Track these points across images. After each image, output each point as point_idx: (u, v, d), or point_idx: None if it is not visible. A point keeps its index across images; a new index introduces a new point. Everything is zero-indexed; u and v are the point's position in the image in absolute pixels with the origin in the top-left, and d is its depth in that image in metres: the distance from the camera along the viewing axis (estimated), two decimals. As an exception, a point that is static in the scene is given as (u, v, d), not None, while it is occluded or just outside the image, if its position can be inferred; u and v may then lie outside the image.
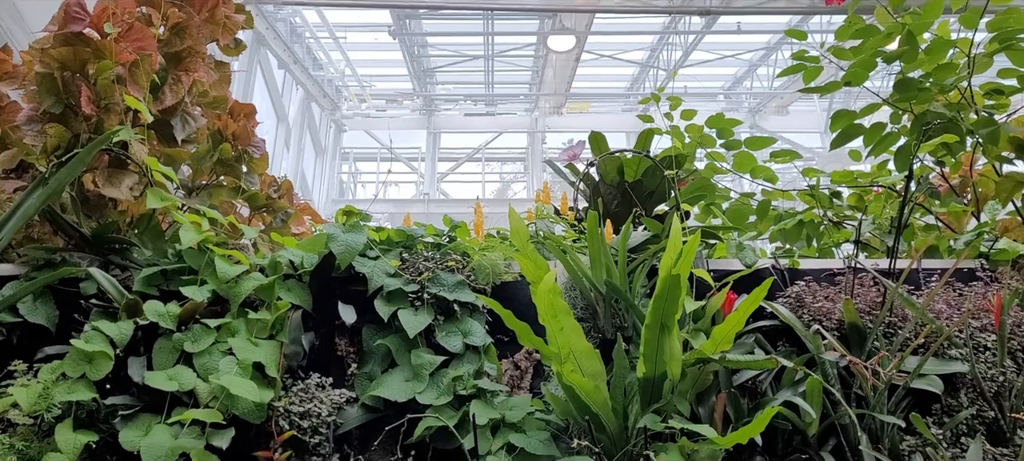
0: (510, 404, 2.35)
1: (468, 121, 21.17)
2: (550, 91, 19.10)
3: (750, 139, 4.12)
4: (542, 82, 18.92)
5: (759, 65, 18.19)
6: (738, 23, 15.03)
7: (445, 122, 21.05)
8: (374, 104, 20.64)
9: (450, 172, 22.19)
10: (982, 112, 3.69)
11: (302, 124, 17.87)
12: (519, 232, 2.58)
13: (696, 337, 2.49)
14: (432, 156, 21.01)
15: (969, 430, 2.37)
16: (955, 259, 2.71)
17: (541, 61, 17.95)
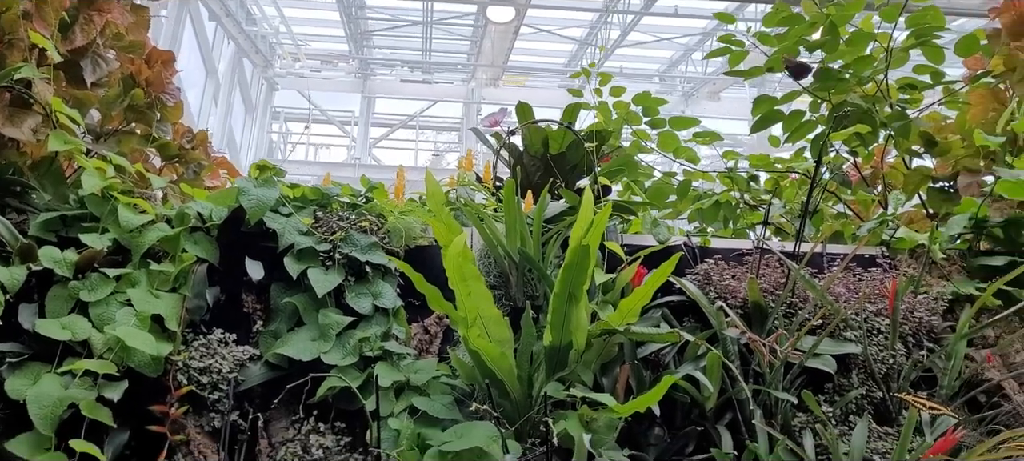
0: (416, 367, 2.35)
1: (404, 87, 20.94)
2: (488, 62, 19.02)
3: (674, 119, 4.17)
4: (480, 53, 18.81)
5: (694, 49, 18.42)
6: (676, 6, 15.18)
7: (380, 87, 20.78)
8: (308, 64, 20.22)
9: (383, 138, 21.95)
10: (896, 106, 3.80)
11: (232, 80, 17.41)
12: (435, 196, 2.57)
13: (604, 309, 2.52)
14: (365, 121, 20.73)
15: (858, 409, 2.46)
16: (858, 245, 2.80)
17: (480, 31, 17.83)
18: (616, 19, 16.73)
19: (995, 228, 2.87)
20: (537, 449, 2.18)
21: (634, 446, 2.34)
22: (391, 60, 20.44)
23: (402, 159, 21.58)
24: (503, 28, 16.36)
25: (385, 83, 20.86)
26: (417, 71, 20.87)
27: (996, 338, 2.64)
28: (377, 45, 20.01)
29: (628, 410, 2.10)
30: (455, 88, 21.06)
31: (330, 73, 20.66)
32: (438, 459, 2.05)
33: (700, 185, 4.38)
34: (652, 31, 17.65)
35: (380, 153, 21.87)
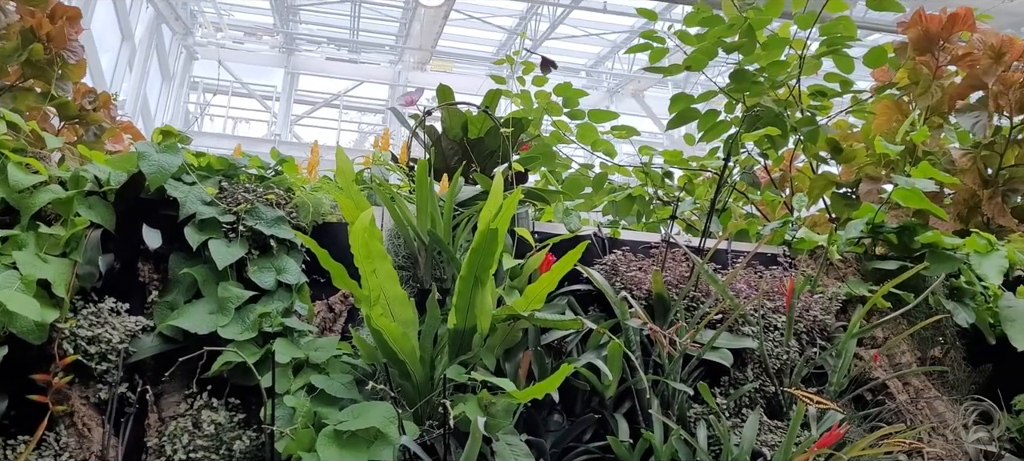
0: (316, 345, 2.31)
1: (329, 66, 20.56)
2: (416, 45, 18.84)
3: (594, 111, 4.20)
4: (409, 35, 18.62)
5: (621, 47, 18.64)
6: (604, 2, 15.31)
7: (305, 63, 20.36)
8: (231, 35, 19.65)
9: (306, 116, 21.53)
10: (806, 111, 3.92)
11: (149, 46, 16.79)
12: (344, 172, 2.52)
13: (511, 294, 2.53)
14: (288, 97, 20.30)
15: (751, 402, 2.53)
16: (760, 243, 2.88)
17: (410, 14, 17.64)
18: (546, 11, 16.78)
19: (890, 234, 2.98)
20: (435, 431, 2.17)
21: (533, 431, 2.35)
22: (317, 37, 20.04)
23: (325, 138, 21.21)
24: (433, 12, 16.23)
25: (310, 60, 20.45)
26: (344, 50, 20.52)
27: (884, 339, 2.75)
28: (304, 21, 19.59)
29: (527, 396, 2.11)
30: (382, 70, 20.80)
31: (253, 46, 20.14)
32: (333, 438, 2.02)
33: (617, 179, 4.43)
34: (581, 26, 17.77)
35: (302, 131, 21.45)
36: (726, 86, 3.92)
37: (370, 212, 2.17)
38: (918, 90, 3.67)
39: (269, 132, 20.19)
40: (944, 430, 2.57)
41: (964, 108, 3.56)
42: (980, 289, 2.85)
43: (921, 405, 2.62)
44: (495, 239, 2.20)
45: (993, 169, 3.49)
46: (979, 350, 2.88)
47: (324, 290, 2.57)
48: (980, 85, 3.48)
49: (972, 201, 3.46)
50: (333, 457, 1.98)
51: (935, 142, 3.63)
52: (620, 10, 15.86)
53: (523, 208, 2.97)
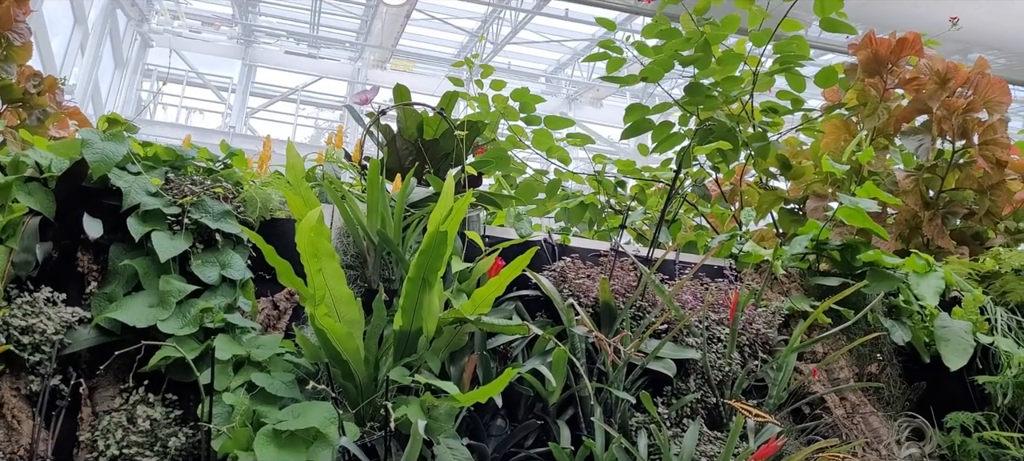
0: (258, 342, 2.27)
1: (288, 60, 20.32)
2: (377, 43, 18.71)
3: (549, 118, 4.22)
4: (370, 33, 18.48)
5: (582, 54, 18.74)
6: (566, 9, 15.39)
7: (263, 56, 20.09)
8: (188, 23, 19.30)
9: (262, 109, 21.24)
10: (758, 127, 3.98)
11: (103, 30, 16.41)
12: (294, 167, 2.50)
13: (458, 297, 2.52)
14: (244, 89, 20.00)
15: (692, 413, 2.56)
16: (707, 255, 2.92)
17: (371, 11, 17.51)
18: (508, 15, 16.80)
19: (833, 251, 3.04)
20: (377, 433, 2.16)
21: (476, 436, 2.35)
22: (276, 30, 19.78)
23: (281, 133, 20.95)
24: (395, 10, 16.14)
25: (268, 53, 20.19)
26: (303, 44, 20.29)
27: (824, 354, 2.81)
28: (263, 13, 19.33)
29: (470, 399, 2.11)
30: (341, 66, 20.61)
31: (211, 36, 19.80)
32: (271, 438, 1.99)
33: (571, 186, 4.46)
34: (542, 31, 17.82)
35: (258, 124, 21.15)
36: (681, 99, 3.96)
37: (318, 209, 2.15)
38: (866, 111, 3.75)
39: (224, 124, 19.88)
40: (878, 445, 2.63)
41: (909, 131, 3.65)
42: (917, 308, 2.92)
43: (857, 420, 2.67)
44: (444, 241, 2.20)
45: (934, 191, 3.58)
46: (914, 368, 2.95)
47: (269, 287, 2.54)
48: (925, 109, 3.58)
49: (913, 222, 3.54)
50: (270, 457, 1.95)
51: (880, 163, 3.72)
52: (581, 18, 15.96)
53: (475, 212, 2.97)
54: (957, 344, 2.72)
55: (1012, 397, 2.73)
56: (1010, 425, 2.80)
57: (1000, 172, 3.46)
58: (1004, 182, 3.51)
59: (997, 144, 3.43)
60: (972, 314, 2.88)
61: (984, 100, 3.46)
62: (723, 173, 4.15)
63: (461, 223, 2.80)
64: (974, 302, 2.91)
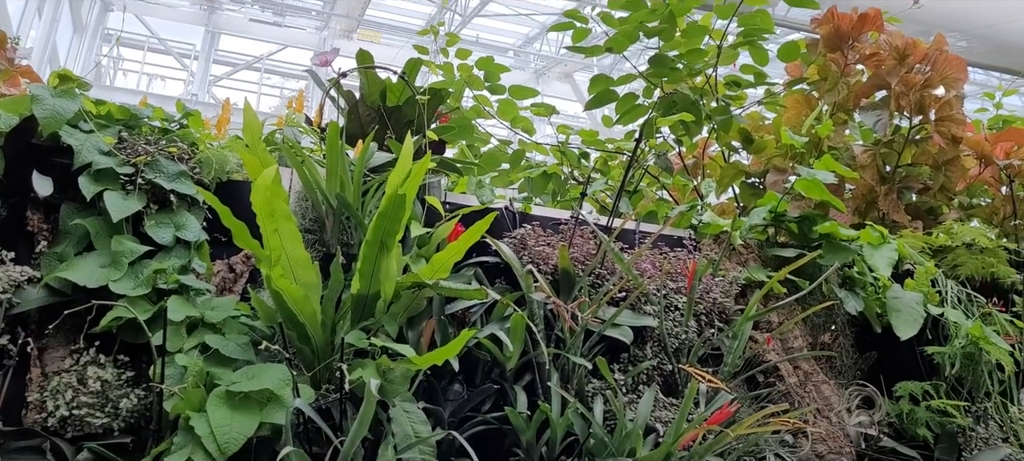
0: (213, 304, 2.25)
1: (252, 27, 19.96)
2: (344, 13, 18.45)
3: (514, 87, 4.21)
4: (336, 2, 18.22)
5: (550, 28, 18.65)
6: (536, -18, 15.30)
7: (227, 23, 19.73)
8: (150, -14, 18.89)
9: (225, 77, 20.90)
10: (722, 101, 4.01)
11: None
12: (251, 128, 2.47)
13: (417, 262, 2.51)
14: (207, 57, 19.63)
15: (648, 379, 2.58)
16: (665, 224, 2.94)
17: (339, -21, 17.28)
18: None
19: (791, 223, 3.08)
20: (332, 396, 2.15)
21: (432, 400, 2.35)
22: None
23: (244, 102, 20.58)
24: (363, -21, 15.93)
25: (232, 20, 19.82)
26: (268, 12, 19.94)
27: (779, 323, 2.85)
28: (228, -22, 18.98)
29: (426, 362, 2.11)
30: (307, 35, 20.30)
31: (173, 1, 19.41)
32: (224, 399, 1.98)
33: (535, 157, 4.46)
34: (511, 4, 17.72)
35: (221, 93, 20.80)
36: (645, 70, 3.97)
37: (274, 169, 2.12)
38: (826, 86, 3.79)
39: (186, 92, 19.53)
40: (829, 413, 2.68)
41: (868, 106, 3.70)
42: (871, 280, 2.97)
43: (809, 388, 2.72)
44: (403, 204, 2.18)
45: (891, 166, 3.63)
46: (866, 338, 3.01)
47: (226, 250, 2.51)
48: (884, 85, 3.62)
49: (870, 196, 3.60)
50: (223, 418, 1.94)
51: (839, 138, 3.76)
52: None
53: (436, 178, 2.95)
54: (908, 315, 2.77)
55: (959, 367, 2.80)
56: (957, 394, 2.86)
57: (955, 148, 3.52)
58: (958, 158, 3.57)
59: (953, 120, 3.49)
60: (924, 286, 2.94)
61: (941, 76, 3.51)
62: (686, 146, 4.17)
63: (421, 189, 2.79)
64: (926, 274, 2.96)
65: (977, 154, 3.62)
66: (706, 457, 2.29)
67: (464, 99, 4.34)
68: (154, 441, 2.05)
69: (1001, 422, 2.85)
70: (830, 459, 2.58)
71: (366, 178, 2.73)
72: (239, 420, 1.95)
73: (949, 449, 2.77)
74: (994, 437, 2.79)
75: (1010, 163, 3.45)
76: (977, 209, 3.78)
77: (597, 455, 2.28)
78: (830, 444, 2.60)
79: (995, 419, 2.85)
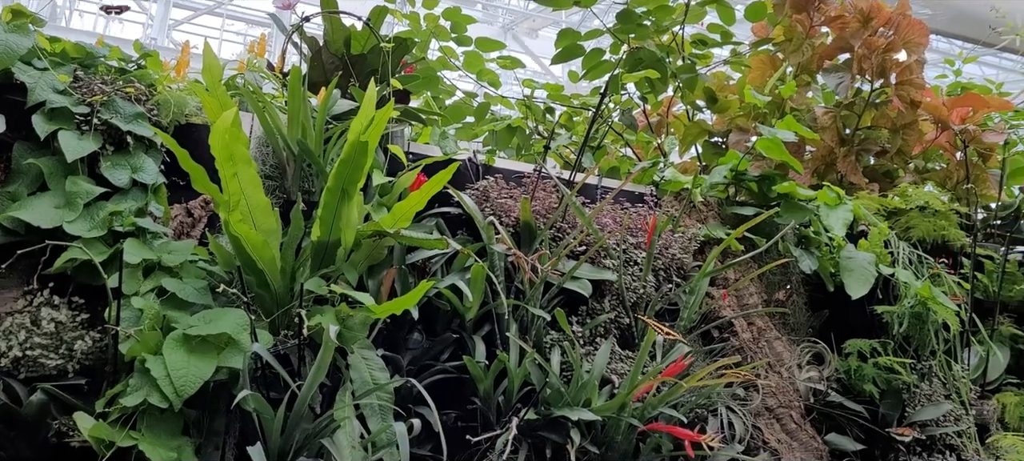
0: (170, 248, 2.23)
1: (216, -31, 19.49)
2: (311, -41, 18.06)
3: (481, 39, 4.18)
4: (302, -54, 17.82)
5: (522, -18, 18.46)
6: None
7: (189, -36, 19.24)
8: (108, -76, 18.26)
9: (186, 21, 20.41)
10: (688, 59, 4.02)
11: (14, -74, 15.44)
12: (211, 70, 2.43)
13: (379, 211, 2.51)
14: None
15: (605, 332, 2.62)
16: (626, 180, 2.96)
17: (305, -77, 16.86)
18: (447, -63, 16.40)
19: (751, 182, 3.12)
20: (290, 341, 2.15)
21: (392, 348, 2.37)
22: (204, -64, 18.93)
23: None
24: (329, -75, 15.57)
25: (195, -40, 19.33)
26: (232, -47, 19.48)
27: (735, 280, 2.89)
28: (190, -83, 18.45)
29: (386, 311, 2.12)
30: (272, -21, 19.85)
31: (133, -61, 18.84)
32: (181, 342, 1.97)
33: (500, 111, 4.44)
34: (481, -45, 17.49)
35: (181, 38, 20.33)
36: (613, 26, 3.96)
37: (234, 111, 2.09)
38: (791, 47, 3.81)
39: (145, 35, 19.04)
40: (780, 368, 2.75)
41: (831, 68, 3.74)
42: (826, 239, 3.03)
43: (762, 343, 2.78)
44: (365, 152, 2.17)
45: (851, 129, 3.69)
46: (819, 296, 3.07)
47: (184, 194, 2.47)
48: (847, 47, 3.65)
49: (829, 158, 3.65)
50: (180, 361, 1.93)
51: (802, 99, 3.80)
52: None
53: (399, 128, 2.94)
54: (860, 274, 2.84)
55: (907, 326, 2.88)
56: (903, 352, 2.95)
57: (913, 112, 3.58)
58: (916, 123, 3.62)
59: (912, 85, 3.54)
60: (877, 247, 3.00)
61: (904, 41, 3.55)
62: (651, 104, 4.19)
63: (384, 138, 2.78)
64: (879, 235, 3.03)
65: (934, 119, 3.69)
66: (659, 408, 2.34)
67: (430, 51, 4.30)
68: (109, 383, 2.04)
69: (944, 380, 2.95)
70: (779, 412, 2.65)
71: (328, 125, 2.70)
72: (196, 363, 1.95)
73: (894, 404, 2.85)
74: (937, 394, 2.89)
75: (965, 128, 3.52)
76: (932, 173, 3.86)
77: (553, 404, 2.31)
78: (780, 398, 2.67)
79: (939, 376, 2.94)
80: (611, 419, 2.32)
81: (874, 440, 2.85)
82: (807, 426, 2.70)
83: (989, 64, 11.21)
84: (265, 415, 1.96)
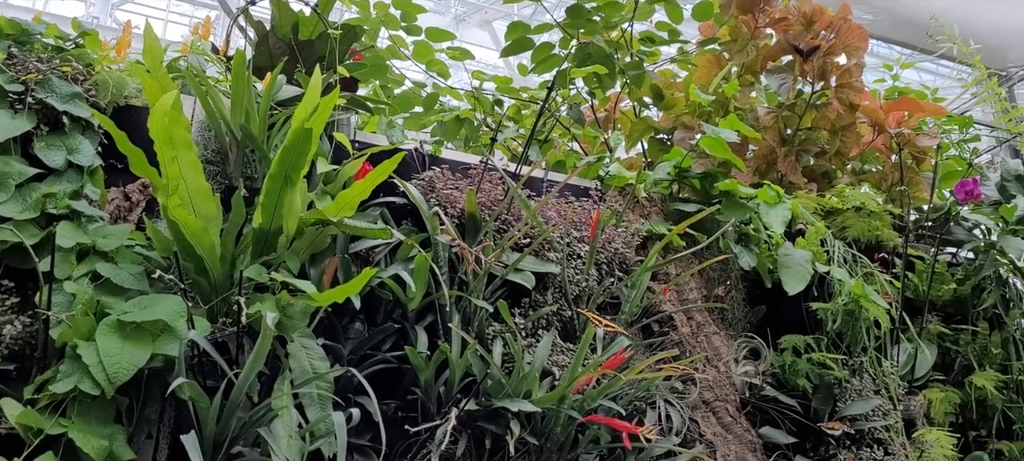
0: (106, 231, 2.18)
1: (162, -52, 19.03)
2: (260, -60, 17.74)
3: (430, 29, 4.17)
4: (253, -72, 17.49)
5: (475, -26, 18.40)
6: (461, -75, 15.04)
7: (134, -59, 18.74)
8: None
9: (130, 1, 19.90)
10: (636, 56, 4.07)
11: None
12: (152, 51, 2.38)
13: (322, 199, 2.49)
14: (112, -24, 18.64)
15: (548, 324, 2.64)
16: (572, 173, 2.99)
17: (256, -96, 16.55)
18: (401, -75, 16.26)
19: (694, 179, 3.17)
20: (229, 329, 2.13)
21: (333, 337, 2.35)
22: (150, -86, 18.45)
23: (151, 27, 19.63)
24: (281, -93, 15.31)
25: (140, -62, 18.84)
26: (179, -67, 19.03)
27: (676, 275, 2.94)
28: None
29: (327, 299, 2.11)
30: (220, -39, 19.47)
31: (75, -87, 18.28)
32: (115, 328, 1.93)
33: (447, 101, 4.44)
34: (434, -55, 17.38)
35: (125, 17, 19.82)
36: (562, 20, 3.98)
37: (174, 93, 2.05)
38: (736, 47, 3.88)
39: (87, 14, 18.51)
40: (718, 362, 2.81)
41: (774, 69, 3.81)
42: (765, 237, 3.10)
43: (701, 338, 2.83)
44: (309, 138, 2.15)
45: (792, 129, 3.76)
46: (757, 292, 3.14)
47: (122, 177, 2.42)
48: (790, 49, 3.73)
49: (771, 157, 3.72)
50: (113, 348, 1.90)
51: (746, 99, 3.87)
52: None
53: (346, 115, 2.92)
54: (797, 271, 2.90)
55: (841, 322, 2.96)
56: (836, 348, 3.03)
57: (852, 115, 3.67)
58: (855, 125, 3.72)
59: (852, 88, 3.63)
60: (813, 245, 3.07)
61: (844, 44, 3.64)
62: (599, 99, 4.23)
63: (330, 125, 2.76)
64: (816, 234, 3.10)
65: (872, 122, 3.79)
66: (598, 400, 2.37)
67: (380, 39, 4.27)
68: (39, 369, 1.99)
69: (875, 375, 3.04)
70: (716, 406, 2.71)
71: (273, 111, 2.67)
72: (130, 350, 1.92)
73: (825, 399, 2.93)
74: (867, 389, 2.97)
75: (901, 132, 3.62)
76: (868, 175, 3.96)
77: (494, 395, 2.33)
78: (717, 391, 2.73)
79: (869, 372, 3.03)
80: (551, 411, 2.34)
81: (806, 434, 2.93)
82: (742, 419, 2.77)
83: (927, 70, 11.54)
84: (201, 403, 1.94)
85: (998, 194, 3.60)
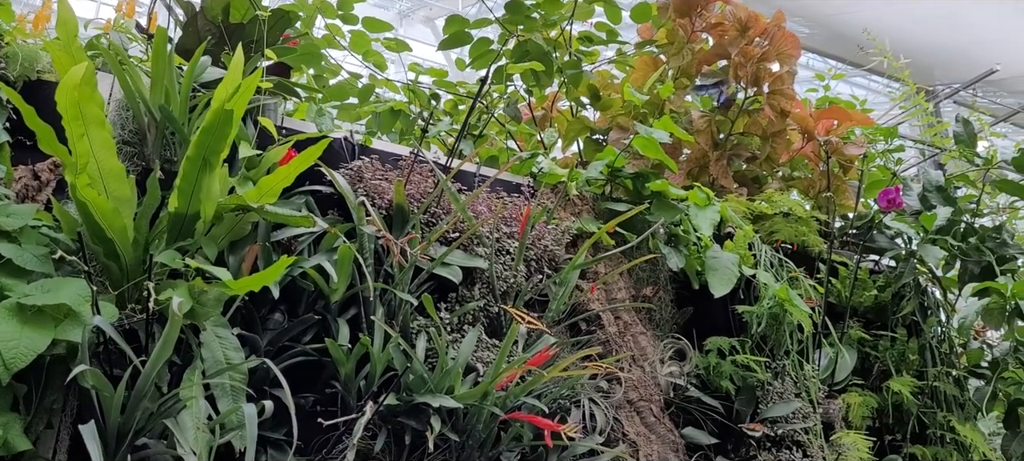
0: (9, 210, 2.07)
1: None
2: (201, -77, 17.31)
3: (367, 19, 4.10)
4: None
5: (420, -31, 18.26)
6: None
7: (67, -83, 18.10)
8: None
9: (63, -23, 19.25)
10: (574, 55, 4.06)
11: None
12: (66, 24, 2.28)
13: (244, 185, 2.41)
14: (43, -48, 17.98)
15: (474, 320, 2.61)
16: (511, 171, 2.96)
17: None
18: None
19: (626, 179, 3.18)
20: (138, 316, 2.04)
21: (250, 327, 2.28)
22: None
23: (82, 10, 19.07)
24: None
25: (74, -85, 18.20)
26: (114, -90, 18.44)
27: (605, 274, 2.94)
28: None
29: (242, 287, 2.04)
30: (156, -59, 18.94)
31: None
32: (15, 312, 1.83)
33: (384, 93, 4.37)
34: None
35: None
36: (502, 17, 3.96)
37: (85, 65, 1.96)
38: (673, 50, 3.90)
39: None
40: (643, 362, 2.81)
41: (709, 74, 3.84)
42: (694, 239, 3.12)
43: (627, 337, 2.84)
44: (229, 121, 2.08)
45: (724, 134, 3.81)
46: (685, 293, 3.16)
47: (31, 154, 2.31)
48: (725, 54, 3.77)
49: (703, 160, 3.76)
50: (11, 332, 1.80)
51: (680, 102, 3.90)
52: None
53: (273, 100, 2.84)
54: (724, 274, 2.93)
55: (765, 326, 3.00)
56: (760, 351, 3.07)
57: (783, 122, 3.72)
58: (785, 131, 3.77)
59: (783, 95, 3.68)
60: (741, 248, 3.11)
61: (777, 52, 3.69)
62: (536, 97, 4.21)
63: (256, 110, 2.68)
64: (744, 238, 3.13)
65: (802, 129, 3.85)
66: (522, 397, 2.35)
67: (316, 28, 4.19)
68: (-71, 353, 1.88)
69: (796, 379, 3.08)
70: (640, 406, 2.71)
71: (196, 93, 2.59)
72: (29, 335, 1.82)
73: (748, 401, 2.97)
74: (788, 392, 3.02)
75: (829, 140, 3.69)
76: (797, 181, 4.03)
77: (416, 391, 2.28)
78: (641, 391, 2.73)
79: (791, 375, 3.07)
80: (473, 407, 2.31)
81: (727, 435, 2.96)
82: (666, 420, 2.78)
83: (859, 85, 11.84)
84: (104, 392, 1.85)
85: (920, 204, 3.69)
